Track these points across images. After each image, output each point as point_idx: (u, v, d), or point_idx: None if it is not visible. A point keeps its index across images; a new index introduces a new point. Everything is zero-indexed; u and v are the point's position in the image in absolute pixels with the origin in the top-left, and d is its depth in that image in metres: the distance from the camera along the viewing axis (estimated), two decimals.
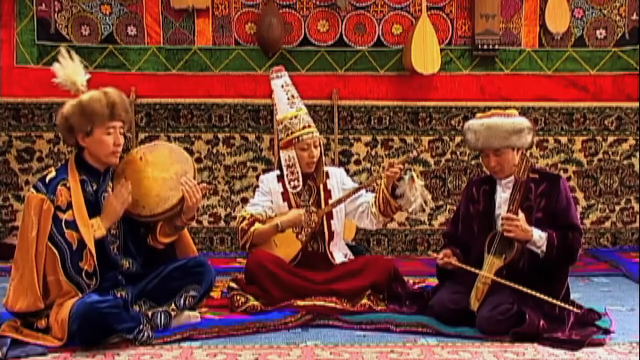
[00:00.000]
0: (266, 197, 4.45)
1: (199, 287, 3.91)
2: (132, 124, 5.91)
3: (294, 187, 4.39)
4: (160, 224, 3.91)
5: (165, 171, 3.89)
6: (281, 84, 4.46)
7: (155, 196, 3.84)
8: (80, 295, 3.59)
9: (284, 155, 4.40)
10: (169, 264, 3.92)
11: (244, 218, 4.36)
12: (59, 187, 3.67)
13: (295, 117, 4.39)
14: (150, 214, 3.85)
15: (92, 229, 3.64)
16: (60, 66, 3.83)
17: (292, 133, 4.37)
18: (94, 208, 3.73)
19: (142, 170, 3.89)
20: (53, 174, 3.73)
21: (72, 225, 3.63)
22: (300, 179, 4.39)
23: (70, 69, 3.82)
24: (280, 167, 4.46)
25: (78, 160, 3.79)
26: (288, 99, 4.44)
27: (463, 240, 4.13)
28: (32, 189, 3.72)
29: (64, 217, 3.64)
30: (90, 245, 3.61)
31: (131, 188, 3.79)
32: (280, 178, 4.45)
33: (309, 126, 4.40)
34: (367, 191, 4.53)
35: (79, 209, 3.66)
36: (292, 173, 4.38)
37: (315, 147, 4.38)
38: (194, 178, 3.89)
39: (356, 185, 4.52)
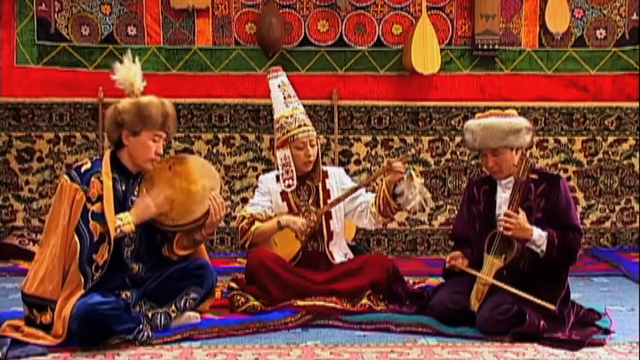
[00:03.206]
0: (265, 197, 4.44)
1: (200, 289, 3.91)
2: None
3: (289, 186, 4.38)
4: (178, 235, 3.91)
5: (193, 184, 3.89)
6: (278, 83, 4.47)
7: (179, 207, 3.84)
8: (83, 285, 3.58)
9: (279, 154, 4.40)
10: (170, 265, 3.92)
11: (243, 217, 4.36)
12: (93, 179, 3.68)
13: (291, 116, 4.39)
14: (173, 224, 3.84)
15: (121, 222, 3.65)
16: (122, 66, 3.88)
17: (287, 132, 4.36)
18: (121, 207, 3.74)
19: (169, 180, 3.89)
20: (88, 165, 3.75)
21: (98, 217, 3.63)
22: (295, 178, 4.38)
23: (132, 72, 3.86)
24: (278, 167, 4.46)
25: (112, 158, 3.80)
26: (284, 98, 4.44)
27: (471, 239, 4.12)
28: (65, 176, 3.74)
29: (92, 208, 3.65)
30: (112, 238, 3.61)
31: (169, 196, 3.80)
32: (279, 178, 4.45)
33: (305, 125, 4.39)
34: (366, 191, 4.53)
35: (108, 203, 3.66)
36: (287, 172, 4.38)
37: (312, 146, 4.37)
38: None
39: (355, 184, 4.52)
